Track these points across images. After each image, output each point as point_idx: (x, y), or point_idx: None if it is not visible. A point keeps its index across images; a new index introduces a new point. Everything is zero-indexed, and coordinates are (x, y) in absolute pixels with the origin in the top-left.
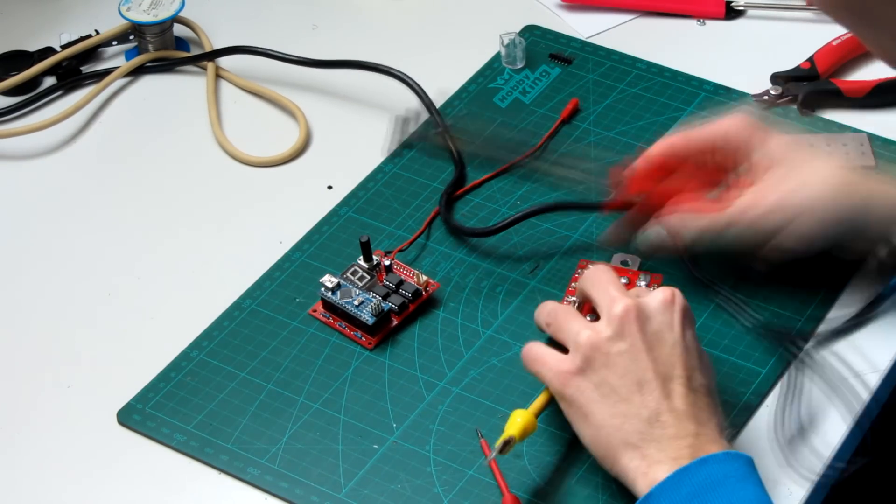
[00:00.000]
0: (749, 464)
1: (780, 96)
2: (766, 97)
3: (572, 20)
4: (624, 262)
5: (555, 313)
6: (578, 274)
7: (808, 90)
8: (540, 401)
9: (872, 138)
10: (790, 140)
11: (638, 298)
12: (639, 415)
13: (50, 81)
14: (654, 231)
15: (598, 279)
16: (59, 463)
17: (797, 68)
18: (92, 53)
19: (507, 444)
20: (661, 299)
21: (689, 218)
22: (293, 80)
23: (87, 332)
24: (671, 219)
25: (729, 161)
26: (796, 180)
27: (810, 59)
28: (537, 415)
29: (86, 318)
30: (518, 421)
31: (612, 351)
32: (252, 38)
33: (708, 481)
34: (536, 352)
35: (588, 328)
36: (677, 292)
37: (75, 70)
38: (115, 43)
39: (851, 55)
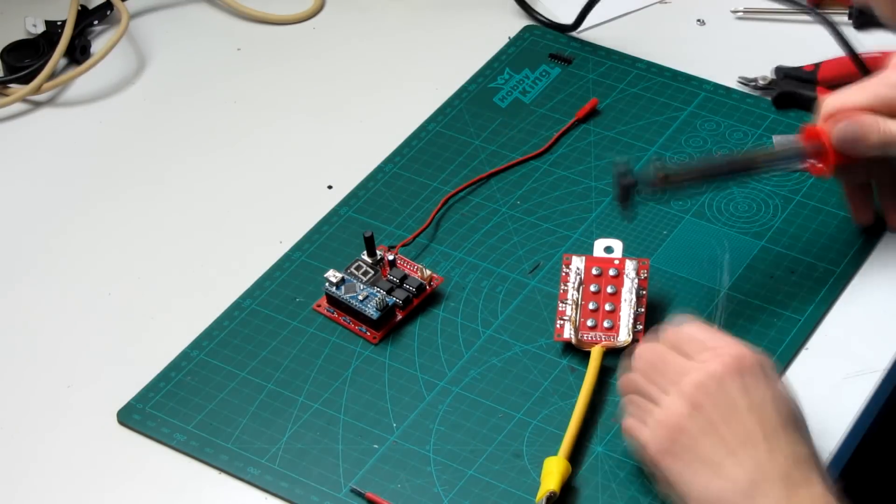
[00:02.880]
0: None
1: (766, 87)
2: (752, 82)
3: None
4: (608, 249)
5: (629, 391)
6: (567, 272)
7: (786, 91)
8: (567, 442)
9: None
10: None
11: (702, 365)
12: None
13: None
14: (850, 127)
15: (656, 357)
16: (59, 463)
17: (799, 68)
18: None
19: (549, 498)
20: (728, 363)
21: (881, 119)
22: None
23: (87, 332)
24: (865, 117)
25: None
26: None
27: (817, 65)
28: (568, 456)
29: (86, 318)
30: (554, 471)
31: (694, 430)
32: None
33: None
34: (630, 425)
35: (665, 406)
36: (741, 352)
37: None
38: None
39: (859, 75)
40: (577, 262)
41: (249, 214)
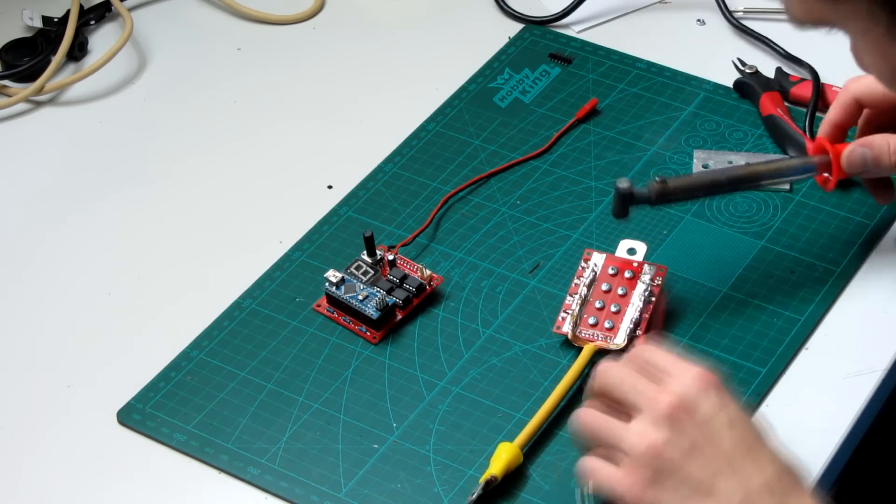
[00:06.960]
0: None
1: (753, 74)
2: (745, 67)
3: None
4: (630, 251)
5: (593, 424)
6: (583, 267)
7: (744, 81)
8: (526, 432)
9: None
10: None
11: (672, 388)
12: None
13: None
14: (858, 152)
15: (620, 377)
16: (59, 463)
17: (787, 76)
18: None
19: (490, 483)
20: (696, 382)
21: (891, 138)
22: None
23: (87, 332)
24: (875, 139)
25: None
26: None
27: (820, 85)
28: (523, 447)
29: (86, 317)
30: (503, 457)
31: (676, 455)
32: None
33: None
34: (592, 466)
35: (640, 434)
36: (704, 371)
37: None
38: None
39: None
40: (597, 259)
41: (249, 214)
